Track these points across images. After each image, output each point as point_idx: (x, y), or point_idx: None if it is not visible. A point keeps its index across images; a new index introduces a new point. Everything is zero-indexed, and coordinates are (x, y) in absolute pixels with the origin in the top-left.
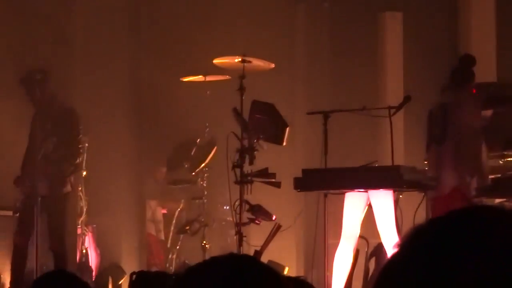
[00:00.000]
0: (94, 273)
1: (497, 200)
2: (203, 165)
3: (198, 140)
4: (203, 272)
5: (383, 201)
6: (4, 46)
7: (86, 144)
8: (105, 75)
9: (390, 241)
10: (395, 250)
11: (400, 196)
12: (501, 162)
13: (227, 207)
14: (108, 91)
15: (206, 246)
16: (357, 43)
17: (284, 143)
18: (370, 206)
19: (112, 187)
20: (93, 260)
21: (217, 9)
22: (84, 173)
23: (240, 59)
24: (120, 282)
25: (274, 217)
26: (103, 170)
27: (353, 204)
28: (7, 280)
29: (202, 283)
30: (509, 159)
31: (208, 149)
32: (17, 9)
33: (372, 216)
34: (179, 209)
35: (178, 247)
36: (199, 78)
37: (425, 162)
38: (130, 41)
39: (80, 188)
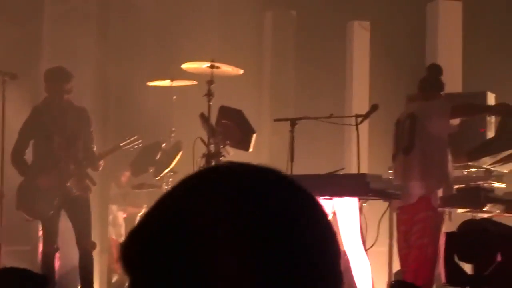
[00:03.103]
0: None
1: (460, 210)
2: (168, 170)
3: (164, 144)
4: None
5: (347, 209)
6: None
7: None
8: None
9: (354, 249)
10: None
11: (364, 204)
12: (464, 172)
13: None
14: (73, 94)
15: None
16: (324, 51)
17: (251, 149)
18: (334, 213)
19: None
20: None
21: (185, 15)
22: None
23: (208, 65)
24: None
25: None
26: None
27: None
28: None
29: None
30: (473, 169)
31: (174, 154)
32: None
33: (335, 223)
34: (140, 213)
35: None
36: (165, 83)
37: (390, 171)
38: (97, 45)
39: None
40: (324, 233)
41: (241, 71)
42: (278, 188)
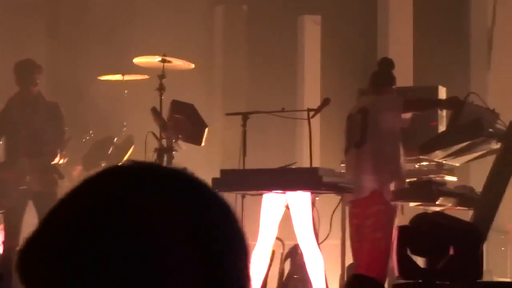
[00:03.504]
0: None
1: (412, 204)
2: (120, 164)
3: (115, 139)
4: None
5: (300, 203)
6: None
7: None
8: None
9: (307, 243)
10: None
11: (317, 198)
12: (416, 166)
13: None
14: None
15: None
16: (276, 45)
17: (203, 144)
18: (287, 207)
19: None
20: None
21: (136, 8)
22: None
23: (160, 59)
24: None
25: None
26: None
27: (271, 205)
28: None
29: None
30: (425, 163)
31: (126, 148)
32: None
33: (288, 217)
34: None
35: None
36: (117, 77)
37: (342, 165)
38: (48, 38)
39: None
40: (232, 232)
41: (193, 65)
42: (186, 187)
